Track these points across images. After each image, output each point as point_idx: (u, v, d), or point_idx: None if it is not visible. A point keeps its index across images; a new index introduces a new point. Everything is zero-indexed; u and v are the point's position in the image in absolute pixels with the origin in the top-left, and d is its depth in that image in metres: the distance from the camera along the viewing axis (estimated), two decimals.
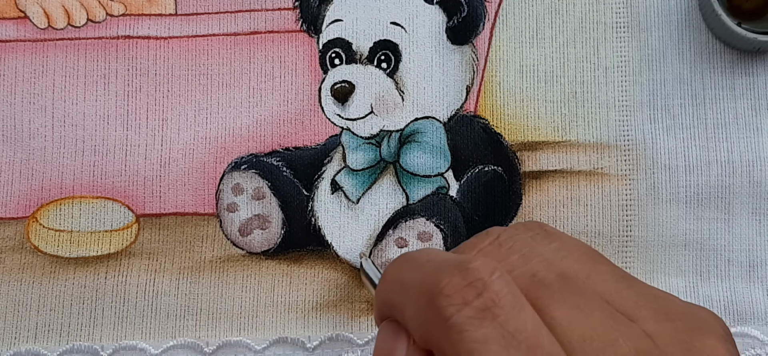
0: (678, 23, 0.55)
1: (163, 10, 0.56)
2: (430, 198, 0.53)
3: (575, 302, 0.29)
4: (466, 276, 0.29)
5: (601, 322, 0.29)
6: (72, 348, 0.52)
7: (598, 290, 0.30)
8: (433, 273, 0.30)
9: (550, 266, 0.30)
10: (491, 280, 0.29)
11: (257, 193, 0.54)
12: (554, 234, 0.33)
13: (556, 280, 0.30)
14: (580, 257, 0.31)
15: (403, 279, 0.32)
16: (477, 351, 0.28)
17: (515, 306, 0.29)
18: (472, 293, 0.29)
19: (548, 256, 0.31)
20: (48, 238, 0.53)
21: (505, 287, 0.29)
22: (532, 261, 0.30)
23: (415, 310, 0.31)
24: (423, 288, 0.30)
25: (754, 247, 0.52)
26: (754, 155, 0.53)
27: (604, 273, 0.31)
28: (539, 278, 0.30)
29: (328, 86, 0.54)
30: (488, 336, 0.28)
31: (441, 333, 0.29)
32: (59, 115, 0.55)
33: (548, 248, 0.31)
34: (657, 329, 0.29)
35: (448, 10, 0.55)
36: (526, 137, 0.54)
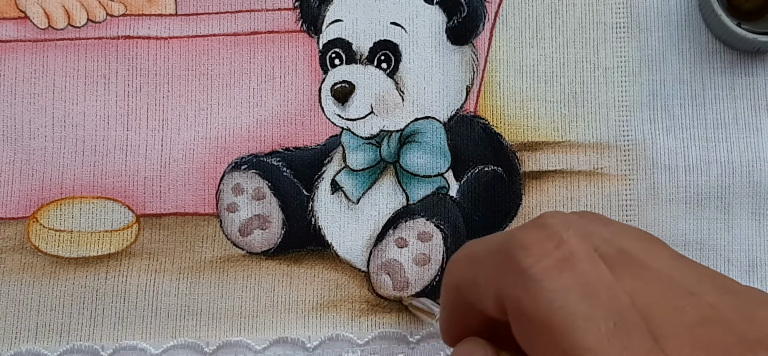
0: (678, 23, 0.55)
1: (163, 10, 0.56)
2: (430, 198, 0.53)
3: (637, 273, 0.30)
4: (543, 230, 0.30)
5: (665, 292, 0.29)
6: (72, 348, 0.52)
7: (657, 266, 0.31)
8: (509, 234, 0.31)
9: (609, 242, 0.31)
10: (568, 235, 0.30)
11: (257, 193, 0.54)
12: (609, 220, 0.34)
13: (616, 254, 0.30)
14: (638, 237, 0.32)
15: (475, 252, 0.33)
16: (556, 300, 0.28)
17: (592, 260, 0.29)
18: (550, 245, 0.29)
19: (606, 235, 0.31)
20: (48, 238, 0.54)
21: (581, 242, 0.30)
22: (592, 238, 0.31)
23: (490, 270, 0.31)
24: (500, 248, 0.31)
25: (754, 247, 0.52)
26: (753, 156, 0.53)
27: (663, 251, 0.32)
28: (601, 252, 0.30)
29: (329, 86, 0.54)
30: (567, 286, 0.28)
31: (519, 285, 0.29)
32: (59, 115, 0.55)
33: (605, 230, 0.32)
34: (719, 301, 0.29)
35: (448, 11, 0.55)
36: (526, 137, 0.54)
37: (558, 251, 0.29)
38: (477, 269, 0.32)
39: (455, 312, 0.35)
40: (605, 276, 0.29)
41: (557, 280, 0.29)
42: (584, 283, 0.29)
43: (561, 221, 0.30)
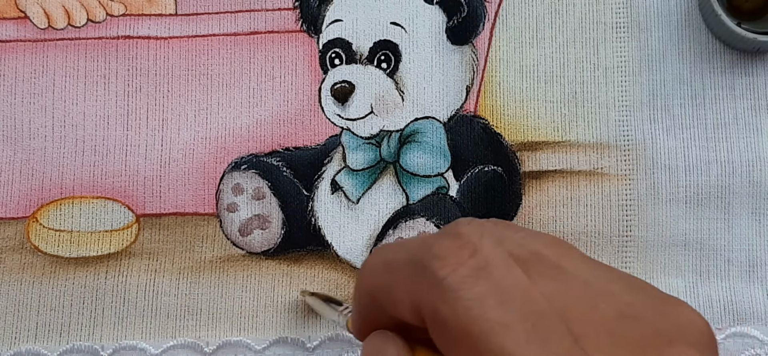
0: (678, 23, 0.55)
1: (163, 10, 0.56)
2: (430, 198, 0.53)
3: (553, 275, 0.30)
4: (457, 239, 0.30)
5: (580, 292, 0.30)
6: (72, 348, 0.52)
7: (571, 268, 0.31)
8: (423, 243, 0.31)
9: (523, 246, 0.31)
10: (481, 243, 0.30)
11: (257, 193, 0.54)
12: (519, 226, 0.34)
13: (530, 257, 0.31)
14: (550, 242, 0.32)
15: (389, 260, 0.33)
16: (473, 308, 0.28)
17: (507, 265, 0.29)
18: (465, 253, 0.30)
19: (519, 240, 0.32)
20: (48, 238, 0.54)
21: (496, 248, 0.30)
22: (505, 243, 0.31)
23: (406, 281, 0.31)
24: (414, 258, 0.31)
25: (754, 247, 0.52)
26: (753, 155, 0.53)
27: (574, 254, 0.32)
28: (516, 256, 0.30)
29: (328, 86, 0.54)
30: (484, 293, 0.29)
31: (436, 295, 0.29)
32: (59, 115, 0.55)
33: (517, 235, 0.32)
34: (633, 299, 0.30)
35: (448, 11, 0.55)
36: (526, 137, 0.54)
37: (473, 260, 0.29)
38: (392, 277, 0.32)
39: (368, 315, 0.35)
40: (521, 280, 0.29)
41: (473, 288, 0.29)
42: (500, 289, 0.29)
43: (475, 229, 0.31)
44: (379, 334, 0.33)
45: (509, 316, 0.28)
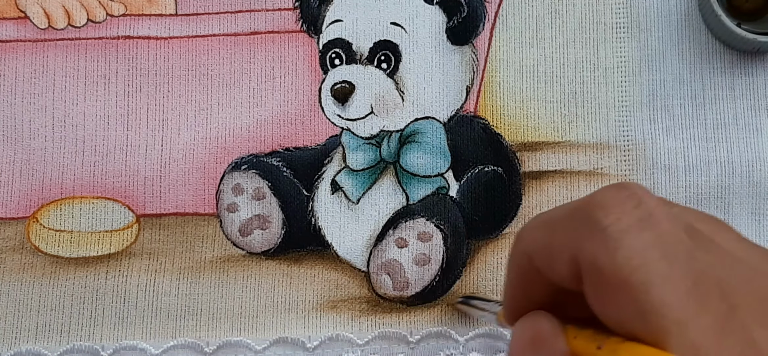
0: (678, 24, 0.55)
1: (164, 11, 0.56)
2: (430, 198, 0.53)
3: (708, 248, 0.30)
4: (622, 190, 0.30)
5: (735, 267, 0.30)
6: (72, 348, 0.52)
7: (725, 245, 0.31)
8: (587, 196, 0.31)
9: (677, 219, 0.31)
10: (644, 196, 0.30)
11: (257, 193, 0.54)
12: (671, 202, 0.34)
13: (687, 227, 0.30)
14: (702, 219, 0.32)
15: (549, 218, 0.33)
16: (635, 257, 0.28)
17: (671, 220, 0.29)
18: (630, 204, 0.29)
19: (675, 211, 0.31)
20: (48, 238, 0.54)
21: (658, 203, 0.30)
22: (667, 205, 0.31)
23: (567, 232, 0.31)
24: (577, 210, 0.31)
25: None
26: (753, 156, 0.53)
27: (730, 232, 0.32)
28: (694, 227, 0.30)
29: (329, 86, 0.54)
30: (647, 244, 0.29)
31: (597, 244, 0.29)
32: (59, 115, 0.55)
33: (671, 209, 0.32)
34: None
35: (448, 11, 0.55)
36: (526, 137, 0.54)
37: (638, 211, 0.29)
38: (551, 233, 0.32)
39: (521, 284, 0.35)
40: (684, 238, 0.29)
41: (637, 238, 0.29)
42: (664, 242, 0.29)
43: (638, 185, 0.31)
44: (531, 315, 0.33)
45: (671, 270, 0.28)
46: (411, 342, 0.52)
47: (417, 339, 0.52)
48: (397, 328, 0.52)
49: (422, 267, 0.52)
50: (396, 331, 0.52)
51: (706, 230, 0.31)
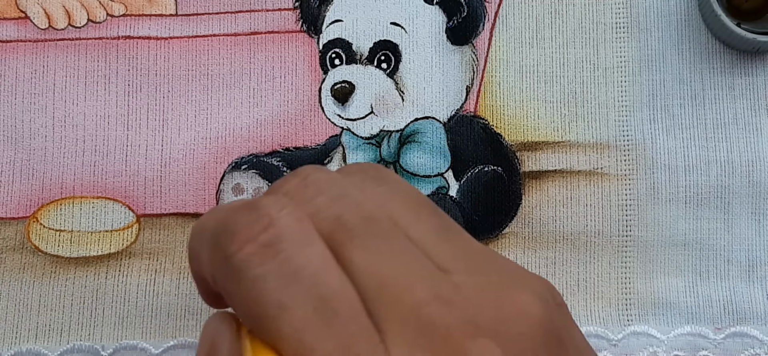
0: (678, 23, 0.55)
1: (164, 11, 0.56)
2: (430, 198, 0.53)
3: (379, 247, 0.28)
4: (252, 213, 0.28)
5: (404, 269, 0.27)
6: (73, 348, 0.52)
7: (415, 238, 0.29)
8: (224, 213, 0.29)
9: (359, 208, 0.28)
10: (278, 216, 0.28)
11: (258, 193, 0.54)
12: (387, 178, 0.31)
13: (361, 223, 0.28)
14: (407, 204, 0.30)
15: (203, 225, 0.31)
16: (255, 288, 0.27)
17: (302, 243, 0.27)
18: (256, 229, 0.27)
19: (363, 198, 0.29)
20: (48, 238, 0.54)
21: (294, 223, 0.28)
22: (340, 203, 0.29)
23: (207, 252, 0.29)
24: (214, 229, 0.29)
25: (754, 247, 0.52)
26: (753, 156, 0.53)
27: (429, 223, 0.30)
28: (343, 220, 0.28)
29: (329, 87, 0.54)
30: (267, 273, 0.27)
31: (226, 272, 0.28)
32: (60, 115, 0.55)
33: (372, 192, 0.30)
34: (467, 280, 0.28)
35: (448, 11, 0.55)
36: (525, 137, 0.54)
37: (264, 235, 0.27)
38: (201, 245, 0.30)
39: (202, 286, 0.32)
40: (316, 260, 0.27)
41: (257, 267, 0.27)
42: (287, 269, 0.27)
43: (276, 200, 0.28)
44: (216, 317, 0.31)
45: (288, 297, 0.26)
46: None
47: None
48: None
49: None
50: None
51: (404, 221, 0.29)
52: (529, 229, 0.53)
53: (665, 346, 0.51)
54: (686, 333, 0.52)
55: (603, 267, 0.53)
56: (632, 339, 0.51)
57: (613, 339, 0.51)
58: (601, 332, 0.52)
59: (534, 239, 0.53)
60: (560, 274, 0.53)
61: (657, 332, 0.51)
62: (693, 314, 0.52)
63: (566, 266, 0.53)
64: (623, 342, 0.51)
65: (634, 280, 0.52)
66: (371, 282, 0.27)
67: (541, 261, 0.53)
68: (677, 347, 0.51)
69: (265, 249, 0.27)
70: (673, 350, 0.51)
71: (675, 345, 0.51)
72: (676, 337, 0.51)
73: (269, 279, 0.27)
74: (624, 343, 0.51)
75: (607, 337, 0.52)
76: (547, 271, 0.53)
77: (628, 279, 0.52)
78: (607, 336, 0.52)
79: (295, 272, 0.27)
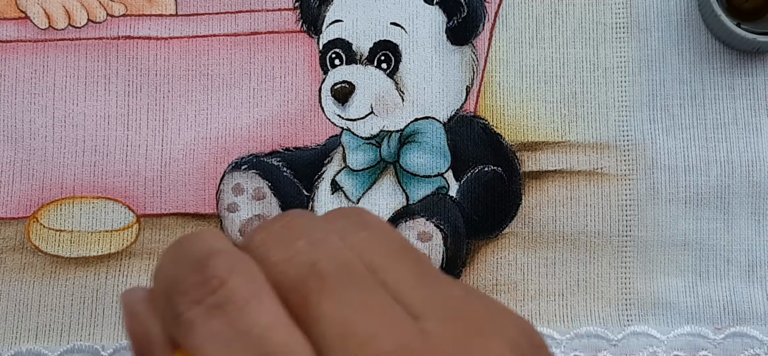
0: (678, 24, 0.55)
1: (164, 11, 0.56)
2: (430, 198, 0.53)
3: (350, 296, 0.28)
4: (203, 274, 0.28)
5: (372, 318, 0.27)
6: (73, 348, 0.52)
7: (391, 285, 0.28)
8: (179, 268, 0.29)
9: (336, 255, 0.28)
10: (228, 276, 0.28)
11: (258, 193, 0.54)
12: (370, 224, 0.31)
13: (335, 271, 0.28)
14: (387, 250, 0.30)
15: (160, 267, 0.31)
16: (201, 348, 0.27)
17: (251, 301, 0.27)
18: (206, 290, 0.28)
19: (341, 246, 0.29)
20: (48, 238, 0.54)
21: (244, 283, 0.28)
22: (318, 249, 0.28)
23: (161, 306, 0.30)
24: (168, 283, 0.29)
25: (753, 247, 0.53)
26: (753, 156, 0.53)
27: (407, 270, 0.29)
28: (318, 268, 0.28)
29: (329, 87, 0.54)
30: (214, 332, 0.27)
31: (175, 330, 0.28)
32: (60, 115, 0.55)
33: (353, 238, 0.29)
34: (436, 327, 0.27)
35: (448, 11, 0.55)
36: (526, 137, 0.54)
37: (213, 297, 0.28)
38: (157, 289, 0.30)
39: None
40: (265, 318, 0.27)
41: (205, 326, 0.27)
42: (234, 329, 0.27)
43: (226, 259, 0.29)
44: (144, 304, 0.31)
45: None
46: None
47: None
48: None
49: None
50: None
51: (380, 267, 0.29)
52: (529, 229, 0.53)
53: (665, 346, 0.51)
54: (686, 333, 0.52)
55: (603, 267, 0.53)
56: (632, 339, 0.51)
57: (613, 339, 0.52)
58: (601, 332, 0.52)
59: (534, 239, 0.53)
60: (560, 274, 0.53)
61: (657, 332, 0.52)
62: (693, 314, 0.52)
63: (566, 266, 0.53)
64: (623, 342, 0.51)
65: (634, 280, 0.52)
66: (335, 332, 0.27)
67: (541, 261, 0.53)
68: (677, 347, 0.51)
69: (214, 310, 0.27)
70: (673, 350, 0.51)
71: (675, 345, 0.51)
72: (676, 337, 0.52)
73: (216, 339, 0.27)
74: (624, 343, 0.51)
75: (607, 337, 0.52)
76: (547, 271, 0.53)
77: (628, 279, 0.52)
78: (607, 336, 0.52)
79: (242, 332, 0.27)
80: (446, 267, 0.52)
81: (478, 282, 0.53)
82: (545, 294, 0.53)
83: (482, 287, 0.53)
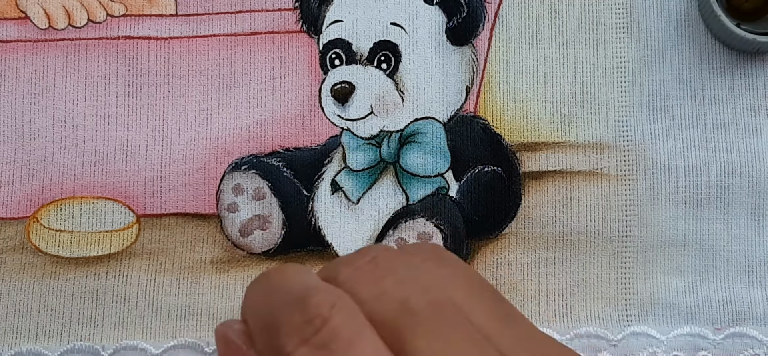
0: (677, 24, 0.55)
1: (164, 11, 0.56)
2: (430, 198, 0.53)
3: (442, 333, 0.28)
4: (305, 313, 0.29)
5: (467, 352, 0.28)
6: (73, 348, 0.52)
7: (477, 324, 0.29)
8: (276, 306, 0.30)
9: (426, 293, 0.29)
10: (331, 314, 0.28)
11: (258, 193, 0.54)
12: (448, 261, 0.32)
13: (426, 308, 0.29)
14: (469, 290, 0.30)
15: (253, 304, 0.32)
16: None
17: (355, 339, 0.28)
18: (310, 330, 0.28)
19: (429, 282, 0.30)
20: (49, 238, 0.54)
21: (346, 319, 0.29)
22: (406, 286, 0.29)
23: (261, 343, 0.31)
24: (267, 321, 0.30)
25: (753, 247, 0.53)
26: (753, 156, 0.53)
27: (489, 308, 0.30)
28: (409, 305, 0.29)
29: (329, 87, 0.54)
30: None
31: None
32: (60, 115, 0.55)
33: (435, 274, 0.30)
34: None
35: (448, 11, 0.55)
36: (525, 137, 0.54)
37: (317, 337, 0.28)
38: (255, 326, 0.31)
39: None
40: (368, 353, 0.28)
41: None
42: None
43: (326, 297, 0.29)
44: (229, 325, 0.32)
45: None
46: None
47: None
48: None
49: None
50: None
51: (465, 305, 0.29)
52: (529, 229, 0.53)
53: (665, 346, 0.51)
54: (686, 334, 0.52)
55: (603, 267, 0.53)
56: (632, 339, 0.52)
57: (612, 339, 0.52)
58: (600, 332, 0.52)
59: (534, 239, 0.53)
60: (560, 274, 0.53)
61: (657, 332, 0.52)
62: (693, 314, 0.52)
63: (566, 266, 0.53)
64: (623, 342, 0.51)
65: (634, 280, 0.52)
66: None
67: (541, 261, 0.53)
68: (677, 347, 0.51)
69: (320, 350, 0.28)
70: (673, 350, 0.51)
71: (674, 346, 0.51)
72: (676, 337, 0.52)
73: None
74: (624, 343, 0.51)
75: (606, 337, 0.52)
76: (547, 271, 0.53)
77: (628, 279, 0.53)
78: (606, 337, 0.52)
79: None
80: None
81: None
82: (545, 294, 0.53)
83: None
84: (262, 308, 0.31)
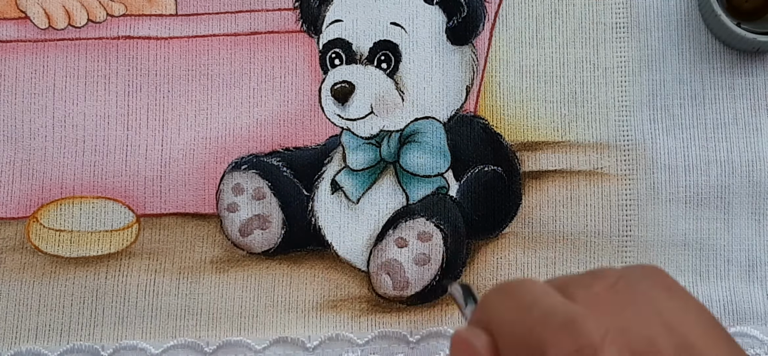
0: (678, 24, 0.55)
1: (164, 11, 0.56)
2: (430, 198, 0.53)
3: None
4: (576, 340, 0.28)
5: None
6: (72, 348, 0.52)
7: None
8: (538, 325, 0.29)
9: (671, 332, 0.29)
10: (602, 346, 0.28)
11: (257, 193, 0.54)
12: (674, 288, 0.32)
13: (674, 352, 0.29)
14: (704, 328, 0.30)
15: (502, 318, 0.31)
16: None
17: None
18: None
19: (668, 317, 0.29)
20: (48, 238, 0.54)
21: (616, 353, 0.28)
22: (651, 323, 0.29)
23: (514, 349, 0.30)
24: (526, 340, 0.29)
25: (754, 247, 0.52)
26: (753, 156, 0.53)
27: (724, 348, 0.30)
28: (657, 347, 0.28)
29: (329, 87, 0.54)
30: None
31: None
32: (60, 115, 0.55)
33: (668, 306, 0.30)
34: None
35: (448, 11, 0.55)
36: (526, 137, 0.54)
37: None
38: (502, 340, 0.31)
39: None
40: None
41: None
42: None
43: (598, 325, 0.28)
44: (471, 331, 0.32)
45: None
46: (411, 341, 0.52)
47: (417, 339, 0.52)
48: (397, 328, 0.52)
49: (422, 267, 0.52)
50: (396, 331, 0.52)
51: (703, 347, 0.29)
52: (529, 229, 0.53)
53: None
54: None
55: (603, 266, 0.53)
56: None
57: None
58: None
59: (534, 239, 0.53)
60: (560, 274, 0.52)
61: None
62: None
63: (566, 266, 0.53)
64: None
65: None
66: None
67: (541, 261, 0.53)
68: None
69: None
70: None
71: None
72: None
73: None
74: None
75: None
76: (547, 271, 0.53)
77: None
78: None
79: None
80: (446, 267, 0.52)
81: (478, 282, 0.53)
82: None
83: (482, 287, 0.53)
84: (518, 326, 0.30)
